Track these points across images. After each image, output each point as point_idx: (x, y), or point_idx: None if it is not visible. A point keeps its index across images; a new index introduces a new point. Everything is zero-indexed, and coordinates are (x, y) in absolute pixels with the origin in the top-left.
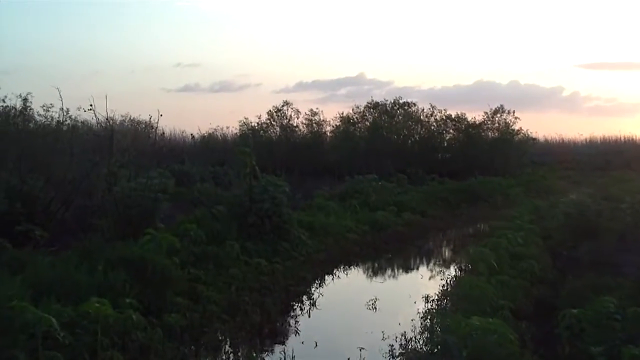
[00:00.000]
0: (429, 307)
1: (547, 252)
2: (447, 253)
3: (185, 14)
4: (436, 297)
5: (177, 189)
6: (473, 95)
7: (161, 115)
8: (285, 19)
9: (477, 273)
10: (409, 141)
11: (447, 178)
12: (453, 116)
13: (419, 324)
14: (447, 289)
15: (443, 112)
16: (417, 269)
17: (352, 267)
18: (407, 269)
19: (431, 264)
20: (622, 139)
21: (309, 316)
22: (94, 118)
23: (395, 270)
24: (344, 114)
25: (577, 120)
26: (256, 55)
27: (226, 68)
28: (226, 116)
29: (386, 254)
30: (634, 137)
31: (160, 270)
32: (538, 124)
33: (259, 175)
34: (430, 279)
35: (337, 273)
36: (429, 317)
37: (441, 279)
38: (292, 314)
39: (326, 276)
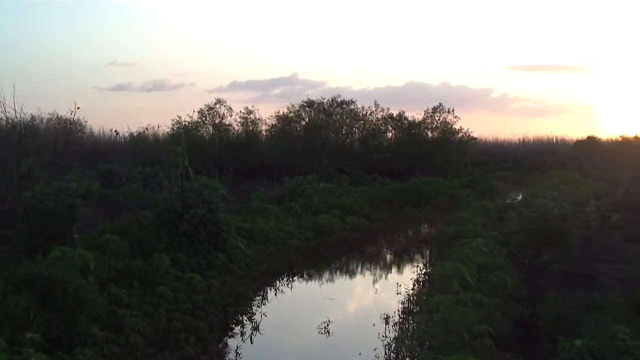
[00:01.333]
0: (392, 330)
1: (510, 260)
2: (399, 262)
3: (122, 12)
4: (399, 319)
5: (103, 191)
6: (405, 96)
7: (78, 107)
8: (220, 19)
9: (450, 290)
10: (348, 140)
11: (388, 178)
12: (394, 115)
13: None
14: (409, 307)
15: (385, 110)
16: (370, 281)
17: (297, 279)
18: (359, 281)
19: (384, 275)
20: (554, 139)
21: (252, 342)
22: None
23: (346, 283)
24: (280, 113)
25: (506, 120)
26: (191, 55)
27: (160, 67)
28: (159, 115)
29: (333, 263)
30: (565, 137)
31: (73, 293)
32: (469, 125)
33: (193, 177)
34: (387, 293)
35: (281, 287)
36: (398, 350)
37: (398, 293)
38: (231, 341)
39: (269, 291)
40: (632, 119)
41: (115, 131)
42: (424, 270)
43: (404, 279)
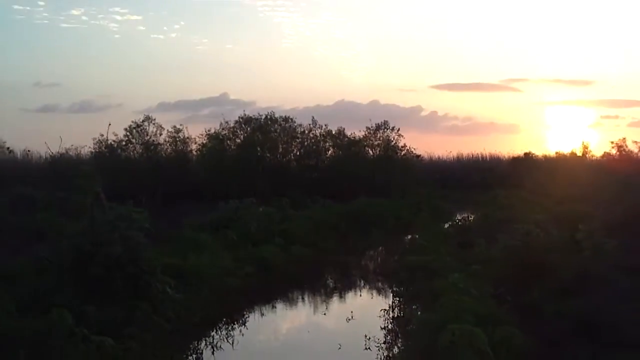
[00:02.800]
0: None
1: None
2: (360, 303)
3: (46, 32)
4: None
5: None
6: (334, 116)
7: None
8: (147, 38)
9: None
10: (285, 159)
11: (330, 200)
12: (333, 132)
13: None
14: None
15: (324, 127)
16: (327, 330)
17: (239, 331)
18: (313, 330)
19: (345, 321)
20: (487, 156)
21: None
22: None
23: (296, 333)
24: (212, 131)
25: (436, 139)
26: (118, 75)
27: (87, 88)
28: (85, 136)
29: (282, 307)
30: (499, 154)
31: None
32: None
33: (106, 206)
34: (351, 349)
35: (219, 344)
36: None
37: (367, 349)
38: None
39: (204, 349)
40: (558, 136)
41: (28, 151)
42: (394, 313)
43: (370, 328)
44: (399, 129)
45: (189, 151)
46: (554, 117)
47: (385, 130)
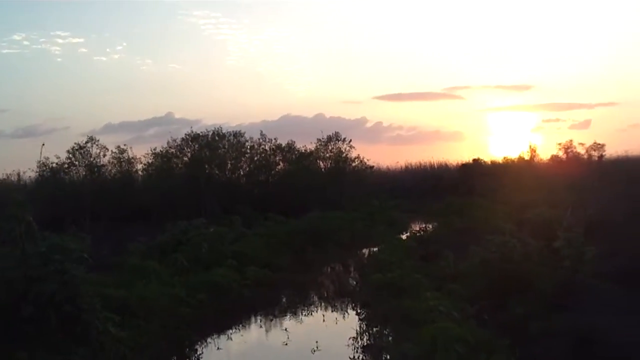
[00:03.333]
0: None
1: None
2: (324, 330)
3: None
4: None
5: None
6: (281, 130)
7: None
8: (90, 60)
9: None
10: (234, 175)
11: (282, 216)
12: (283, 146)
13: None
14: None
15: (273, 141)
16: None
17: None
18: None
19: (313, 359)
20: (435, 164)
21: None
22: None
23: None
24: (157, 150)
25: (382, 149)
26: (63, 98)
27: (33, 112)
28: (29, 161)
29: (239, 338)
30: (447, 162)
31: None
32: None
33: (37, 236)
34: None
35: None
36: None
37: None
38: None
39: None
40: (502, 141)
41: None
42: (363, 341)
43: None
44: (350, 140)
45: (134, 171)
46: (497, 123)
47: (337, 142)
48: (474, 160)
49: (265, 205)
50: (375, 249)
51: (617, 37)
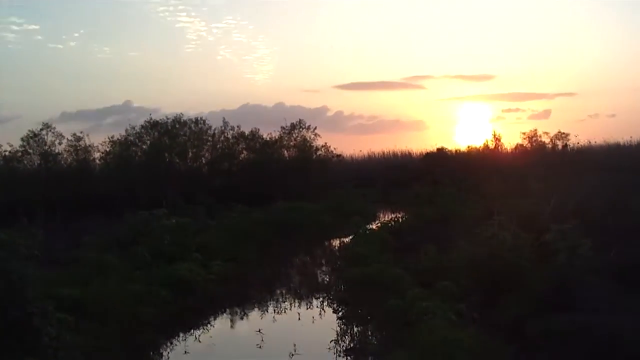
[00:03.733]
0: None
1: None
2: (302, 331)
3: None
4: None
5: None
6: (240, 119)
7: None
8: (46, 48)
9: None
10: (196, 164)
11: (246, 206)
12: (246, 134)
13: None
14: None
15: (236, 129)
16: None
17: None
18: None
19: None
20: (399, 153)
21: None
22: None
23: None
24: (115, 138)
25: (343, 138)
26: (18, 86)
27: None
28: None
29: (207, 340)
30: (410, 151)
31: None
32: None
33: None
34: None
35: None
36: None
37: None
38: None
39: None
40: (463, 130)
41: None
42: (345, 344)
43: None
44: (315, 128)
45: (91, 160)
46: (458, 113)
47: (301, 129)
48: (438, 149)
49: (228, 195)
50: (347, 241)
51: (576, 28)
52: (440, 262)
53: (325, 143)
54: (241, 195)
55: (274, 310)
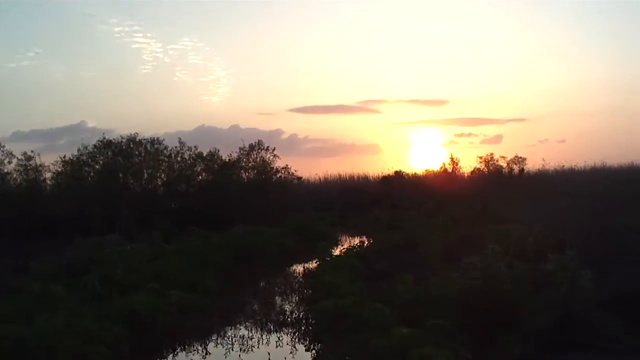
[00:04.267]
0: None
1: None
2: None
3: None
4: None
5: None
6: (196, 141)
7: None
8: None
9: None
10: (151, 186)
11: (204, 229)
12: (204, 155)
13: None
14: None
15: (193, 149)
16: None
17: None
18: None
19: None
20: (355, 176)
21: None
22: None
23: None
24: (67, 158)
25: (298, 161)
26: None
27: None
28: None
29: None
30: (367, 174)
31: None
32: None
33: None
34: None
35: None
36: None
37: None
38: None
39: None
40: (417, 154)
41: None
42: None
43: None
44: (274, 149)
45: (42, 180)
46: (411, 137)
47: (260, 150)
48: (396, 172)
49: (185, 218)
50: (312, 267)
51: (526, 55)
52: (421, 293)
53: (286, 165)
54: (199, 218)
55: (240, 348)
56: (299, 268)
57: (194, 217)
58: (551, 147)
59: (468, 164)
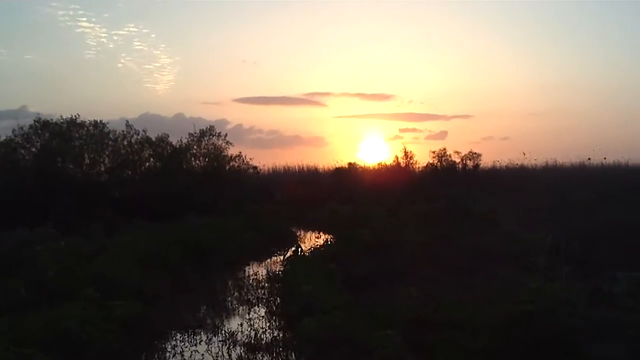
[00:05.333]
0: None
1: None
2: None
3: None
4: None
5: None
6: (139, 128)
7: None
8: None
9: None
10: (94, 172)
11: (152, 221)
12: (153, 139)
13: None
14: None
15: (142, 133)
16: None
17: None
18: None
19: None
20: (305, 167)
21: None
22: None
23: None
24: (2, 139)
25: (243, 152)
26: None
27: None
28: None
29: None
30: (317, 166)
31: None
32: None
33: None
34: None
35: None
36: None
37: None
38: None
39: None
40: (363, 148)
41: None
42: None
43: None
44: (226, 135)
45: None
46: (356, 130)
47: (211, 137)
48: (349, 164)
49: (131, 209)
50: (277, 268)
51: (471, 53)
52: (437, 315)
53: (240, 152)
54: (146, 209)
55: None
56: (261, 269)
57: (141, 208)
58: (494, 144)
59: (416, 159)
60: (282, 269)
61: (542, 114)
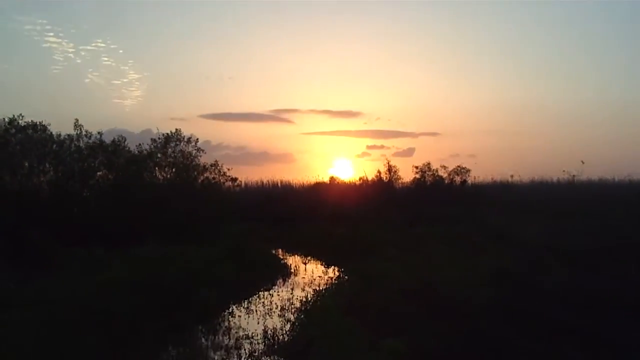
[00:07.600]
0: None
1: None
2: None
3: None
4: None
5: None
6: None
7: None
8: None
9: None
10: (32, 183)
11: (102, 248)
12: (107, 144)
13: None
14: None
15: (95, 137)
16: None
17: None
18: None
19: None
20: (279, 183)
21: None
22: None
23: None
24: None
25: None
26: None
27: None
28: None
29: None
30: (291, 181)
31: None
32: None
33: None
34: None
35: None
36: None
37: None
38: None
39: None
40: (330, 164)
41: None
42: None
43: None
44: (197, 140)
45: None
46: (324, 147)
47: (178, 143)
48: (331, 178)
49: (77, 231)
50: (275, 325)
51: (439, 70)
52: None
53: (216, 161)
54: (96, 231)
55: None
56: (252, 320)
57: (89, 230)
58: (462, 161)
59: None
60: (288, 329)
61: (508, 133)
